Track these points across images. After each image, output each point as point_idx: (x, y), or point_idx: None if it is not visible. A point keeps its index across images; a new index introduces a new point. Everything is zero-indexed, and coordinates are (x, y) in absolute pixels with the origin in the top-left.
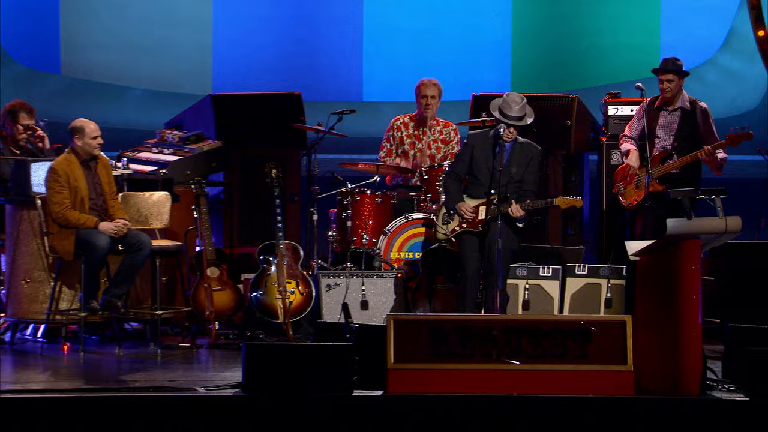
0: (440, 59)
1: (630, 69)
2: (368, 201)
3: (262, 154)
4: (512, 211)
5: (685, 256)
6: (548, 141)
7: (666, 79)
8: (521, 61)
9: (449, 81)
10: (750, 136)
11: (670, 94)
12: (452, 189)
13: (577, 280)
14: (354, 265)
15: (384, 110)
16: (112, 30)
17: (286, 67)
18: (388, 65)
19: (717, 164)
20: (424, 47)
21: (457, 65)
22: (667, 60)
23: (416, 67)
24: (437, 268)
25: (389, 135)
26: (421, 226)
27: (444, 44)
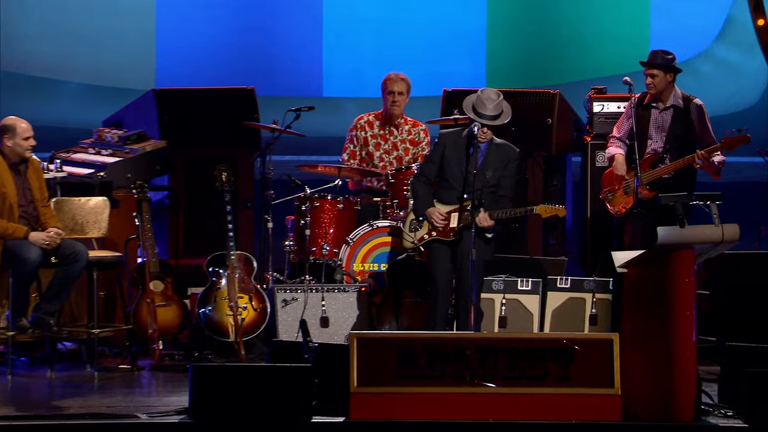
0: (408, 51)
1: (617, 61)
2: (329, 207)
3: (211, 156)
4: (479, 221)
5: (678, 268)
6: (527, 141)
7: (650, 74)
8: (497, 53)
9: (418, 75)
10: (747, 140)
11: (654, 90)
12: (421, 193)
13: (558, 294)
14: (313, 278)
15: (346, 107)
16: (51, 19)
17: (237, 59)
18: (351, 58)
19: (714, 168)
20: (391, 38)
21: (426, 58)
22: (655, 53)
23: (382, 59)
24: (405, 281)
25: (353, 135)
26: (387, 234)
27: (412, 35)
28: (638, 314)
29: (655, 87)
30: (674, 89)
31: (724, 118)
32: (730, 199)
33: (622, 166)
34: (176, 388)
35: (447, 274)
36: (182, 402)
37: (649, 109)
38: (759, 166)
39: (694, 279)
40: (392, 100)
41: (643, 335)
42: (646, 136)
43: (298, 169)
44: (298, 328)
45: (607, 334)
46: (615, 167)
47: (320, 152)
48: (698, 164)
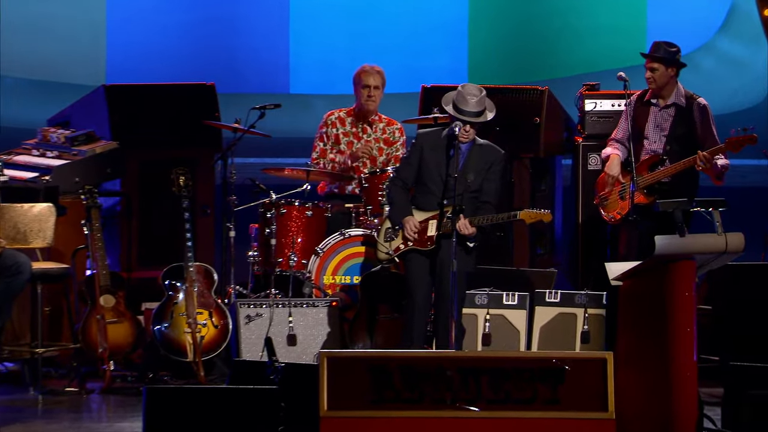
0: (383, 44)
1: (611, 55)
2: (296, 214)
3: (168, 158)
4: (460, 228)
5: (678, 281)
6: (512, 142)
7: (650, 67)
8: (480, 46)
9: (394, 70)
10: (754, 140)
11: (654, 85)
12: (398, 199)
13: (547, 309)
14: (279, 292)
15: (315, 104)
16: None
17: (196, 53)
18: (321, 51)
19: (717, 172)
20: (364, 30)
21: (403, 51)
22: (658, 44)
23: (354, 53)
24: (379, 295)
25: (322, 133)
26: (361, 244)
27: (387, 26)
28: (634, 331)
29: (655, 82)
30: (677, 86)
31: (727, 116)
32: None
33: (615, 167)
34: (128, 413)
35: (425, 288)
36: (135, 428)
37: (649, 106)
38: (765, 169)
39: (695, 292)
40: (367, 94)
41: (640, 354)
42: (642, 136)
43: (262, 173)
44: (263, 346)
45: (601, 352)
46: (608, 167)
47: (287, 154)
48: (700, 166)
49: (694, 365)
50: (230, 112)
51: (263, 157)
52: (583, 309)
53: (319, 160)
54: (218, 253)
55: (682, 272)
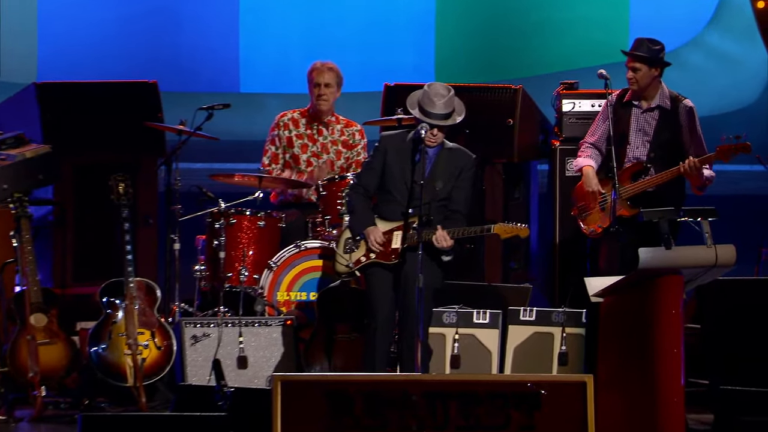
0: (342, 38)
1: (591, 51)
2: (247, 225)
3: (106, 163)
4: (437, 240)
5: (664, 297)
6: (484, 146)
7: (632, 66)
8: (448, 41)
9: (354, 67)
10: (747, 149)
11: (636, 86)
12: (359, 208)
13: (522, 328)
14: (228, 310)
15: (268, 105)
16: None
17: (138, 48)
18: (274, 46)
19: (700, 182)
20: (321, 23)
21: (364, 47)
22: (640, 41)
23: (310, 48)
24: (338, 313)
25: (274, 135)
26: (318, 257)
27: (347, 20)
28: (616, 352)
29: (637, 83)
30: (661, 86)
31: (717, 118)
32: (725, 215)
33: (592, 181)
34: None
35: (389, 305)
36: None
37: (630, 108)
38: (759, 176)
39: (682, 310)
40: (318, 93)
41: (622, 377)
42: (625, 141)
43: (210, 179)
44: (211, 369)
45: (580, 375)
46: (584, 183)
47: (237, 159)
48: (686, 171)
49: (681, 389)
50: (174, 112)
51: (211, 162)
52: (561, 328)
53: (271, 165)
54: (161, 268)
55: (668, 288)
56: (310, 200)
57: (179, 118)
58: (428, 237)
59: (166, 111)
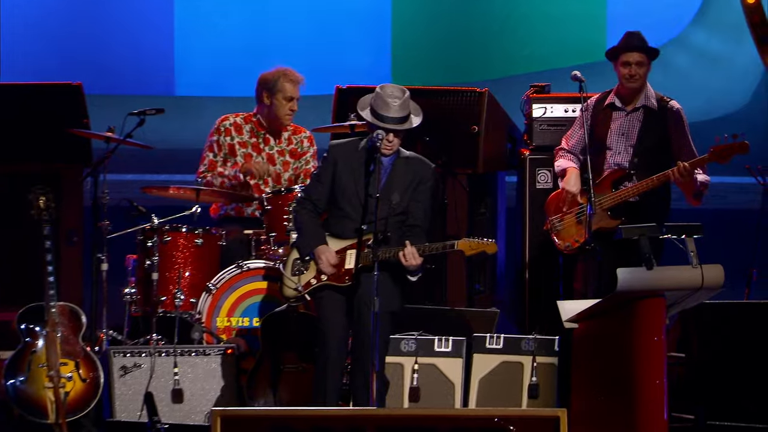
0: (288, 37)
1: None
2: (184, 243)
3: (24, 174)
4: (405, 257)
5: (644, 323)
6: (445, 155)
7: (635, 61)
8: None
9: (303, 68)
10: (745, 148)
11: (637, 85)
12: (307, 225)
13: (488, 357)
14: (162, 338)
15: (207, 109)
16: None
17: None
18: (212, 45)
19: (695, 189)
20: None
21: (312, 46)
22: (631, 34)
23: (252, 47)
24: (285, 341)
25: (213, 141)
26: (262, 279)
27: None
28: (593, 384)
29: (640, 79)
30: (647, 86)
31: (705, 124)
32: (711, 232)
33: (575, 182)
34: None
35: (341, 332)
36: None
37: (611, 111)
38: (749, 188)
39: (665, 337)
40: (290, 108)
41: (600, 411)
42: (603, 147)
43: (142, 192)
44: (142, 404)
45: (552, 410)
46: (566, 183)
47: (172, 169)
48: (677, 179)
49: (664, 425)
50: (102, 118)
51: (143, 173)
52: (531, 357)
53: (207, 173)
54: (87, 291)
55: (649, 312)
56: (253, 216)
57: (107, 124)
58: (385, 256)
59: (93, 116)
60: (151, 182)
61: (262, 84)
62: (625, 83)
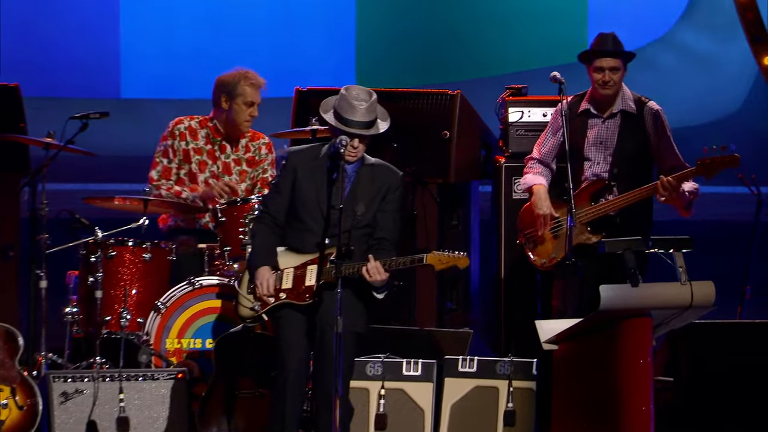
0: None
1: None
2: (130, 258)
3: None
4: (369, 272)
5: (629, 345)
6: (414, 162)
7: (609, 66)
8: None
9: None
10: (736, 162)
11: (613, 90)
12: (258, 242)
13: (461, 381)
14: (107, 361)
15: (156, 113)
16: None
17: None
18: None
19: (684, 201)
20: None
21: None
22: (606, 36)
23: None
24: (240, 364)
25: (167, 146)
26: (216, 297)
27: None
28: (574, 410)
29: (614, 86)
30: (623, 88)
31: (694, 130)
32: (701, 246)
33: (544, 202)
34: None
35: (301, 354)
36: None
37: (586, 118)
38: (742, 199)
39: (651, 360)
40: (250, 114)
41: None
42: (582, 157)
43: (85, 203)
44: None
45: None
46: (534, 206)
47: (118, 178)
48: (662, 196)
49: None
50: (41, 122)
51: (86, 183)
52: (507, 381)
53: (161, 181)
54: (24, 310)
55: (635, 333)
56: (206, 227)
57: (47, 128)
58: (348, 271)
59: (31, 120)
60: (94, 192)
61: (221, 87)
62: (599, 90)
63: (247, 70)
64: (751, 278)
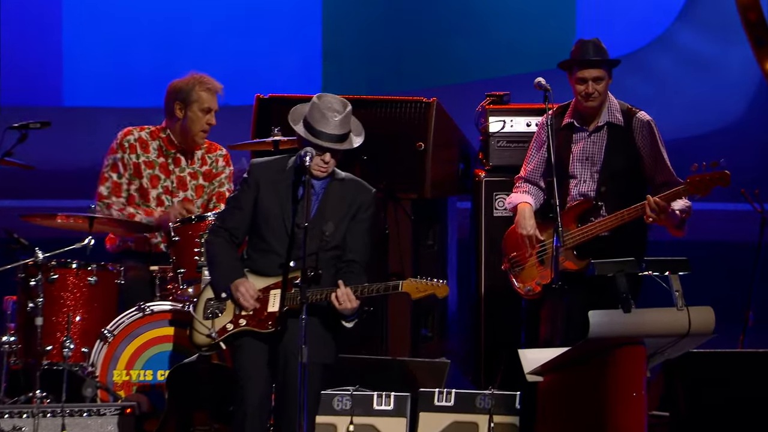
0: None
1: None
2: (74, 282)
3: None
4: (339, 299)
5: (621, 376)
6: (387, 177)
7: (593, 77)
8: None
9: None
10: (726, 180)
11: (597, 102)
12: (221, 258)
13: (437, 416)
14: (48, 395)
15: (102, 122)
16: None
17: None
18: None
19: (675, 221)
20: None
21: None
22: (585, 43)
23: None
24: (195, 398)
25: (116, 159)
26: (168, 324)
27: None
28: None
29: (598, 97)
30: (609, 98)
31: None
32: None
33: (528, 222)
34: None
35: (263, 386)
36: None
37: (571, 132)
38: (744, 216)
39: (645, 392)
40: (207, 122)
41: None
42: (567, 175)
43: (23, 221)
44: None
45: None
46: (518, 226)
47: (60, 194)
48: (651, 218)
49: None
50: None
51: (24, 199)
52: (488, 416)
53: (111, 198)
54: None
55: (627, 363)
56: (158, 249)
57: None
58: (315, 297)
59: None
60: (34, 209)
61: (174, 93)
62: (582, 102)
63: (201, 75)
64: (754, 303)
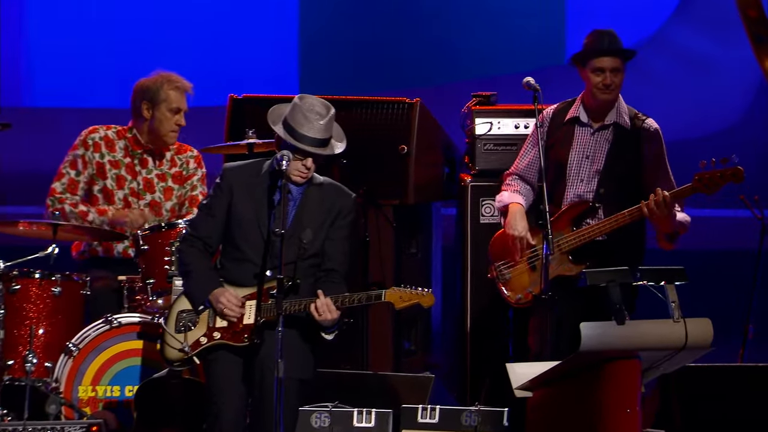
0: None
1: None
2: (37, 292)
3: None
4: (318, 310)
5: (614, 391)
6: (367, 181)
7: (611, 67)
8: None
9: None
10: (739, 176)
11: (614, 95)
12: (196, 267)
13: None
14: (9, 412)
15: (65, 123)
16: None
17: None
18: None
19: (672, 227)
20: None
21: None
22: (601, 34)
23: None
24: (165, 415)
25: (77, 156)
26: (137, 337)
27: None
28: None
29: (616, 89)
30: (619, 98)
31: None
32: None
33: (519, 223)
34: None
35: (237, 402)
36: None
37: (573, 127)
38: (744, 223)
39: (640, 409)
40: (176, 123)
41: None
42: (563, 174)
43: None
44: None
45: None
46: (508, 227)
47: (22, 199)
48: (651, 209)
49: None
50: None
51: None
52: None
53: (66, 194)
54: None
55: (620, 377)
56: (126, 255)
57: None
58: (293, 308)
59: None
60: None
61: (141, 93)
62: (599, 95)
63: (169, 73)
64: (754, 315)
